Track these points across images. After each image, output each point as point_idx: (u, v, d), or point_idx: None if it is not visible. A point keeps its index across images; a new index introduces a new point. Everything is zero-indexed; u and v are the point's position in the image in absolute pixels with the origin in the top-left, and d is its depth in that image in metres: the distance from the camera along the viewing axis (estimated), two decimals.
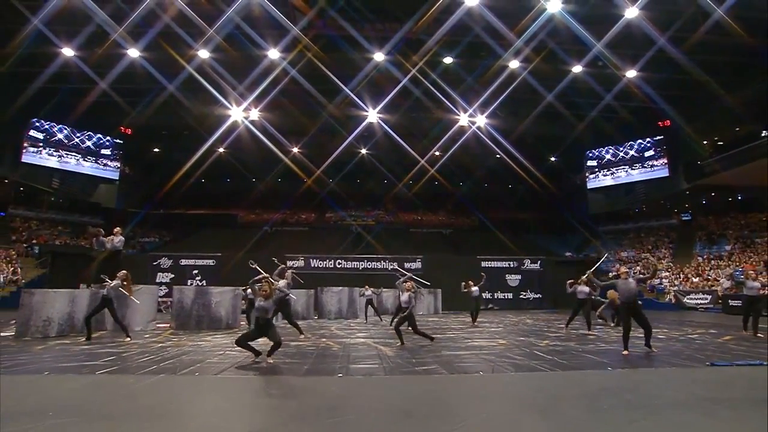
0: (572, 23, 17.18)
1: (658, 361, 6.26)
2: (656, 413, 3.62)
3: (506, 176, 33.78)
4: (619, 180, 30.63)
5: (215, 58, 20.55)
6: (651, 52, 18.78)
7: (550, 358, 6.49)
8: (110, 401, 4.03)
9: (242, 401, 4.28)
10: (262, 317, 6.22)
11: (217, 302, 11.41)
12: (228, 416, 3.70)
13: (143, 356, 6.50)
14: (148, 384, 4.70)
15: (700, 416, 3.57)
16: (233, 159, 31.54)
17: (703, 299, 20.49)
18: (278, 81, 21.67)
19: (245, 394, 4.60)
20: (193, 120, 26.36)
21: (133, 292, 9.02)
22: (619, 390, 4.55)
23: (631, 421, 3.41)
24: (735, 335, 9.60)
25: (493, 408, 3.95)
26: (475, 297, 12.69)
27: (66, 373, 5.19)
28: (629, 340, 7.14)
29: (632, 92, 23.06)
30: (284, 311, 9.43)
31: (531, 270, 24.55)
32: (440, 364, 5.98)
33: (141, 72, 21.12)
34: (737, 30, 16.16)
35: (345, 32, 18.88)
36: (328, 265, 24.02)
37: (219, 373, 5.36)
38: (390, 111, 24.65)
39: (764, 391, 4.41)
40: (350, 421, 3.48)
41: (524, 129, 26.24)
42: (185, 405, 4.02)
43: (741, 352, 7.08)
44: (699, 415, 3.59)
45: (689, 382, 5.08)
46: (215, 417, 3.66)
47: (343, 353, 7.15)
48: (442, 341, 8.77)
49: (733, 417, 3.54)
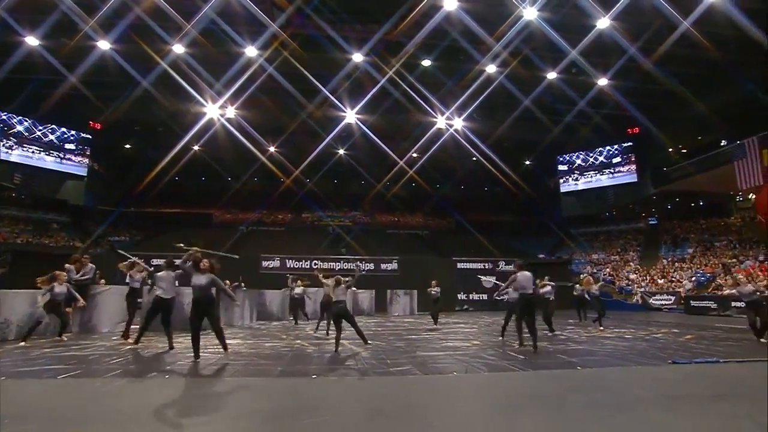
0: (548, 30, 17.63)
1: (625, 360, 6.48)
2: (621, 411, 3.75)
3: (483, 179, 34.32)
4: (590, 184, 31.59)
5: (191, 54, 20.09)
6: (621, 61, 19.47)
7: (522, 358, 6.62)
8: (73, 406, 3.88)
9: (214, 403, 4.19)
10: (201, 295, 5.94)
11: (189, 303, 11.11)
12: (199, 419, 3.62)
13: (110, 359, 6.29)
14: (115, 387, 4.55)
15: (661, 412, 3.72)
16: (209, 157, 30.90)
17: (668, 300, 21.30)
18: (255, 79, 21.37)
19: (217, 396, 4.51)
20: (167, 116, 25.69)
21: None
22: (587, 389, 4.69)
23: (597, 419, 3.52)
24: (696, 334, 10.04)
25: (466, 408, 4.00)
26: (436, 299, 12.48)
27: (25, 378, 4.97)
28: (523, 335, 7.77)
29: (603, 99, 23.87)
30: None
31: (506, 272, 24.95)
32: (415, 365, 6.02)
33: (112, 65, 20.42)
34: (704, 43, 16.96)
35: (323, 32, 18.81)
36: (305, 265, 23.82)
37: (190, 375, 5.24)
38: (368, 112, 24.68)
39: (721, 387, 4.66)
40: (324, 422, 3.46)
41: (500, 132, 26.72)
42: (154, 408, 3.90)
43: (700, 351, 7.42)
44: (661, 411, 3.74)
45: (653, 379, 5.28)
46: (186, 420, 3.58)
47: (317, 354, 7.11)
48: (417, 342, 8.83)
49: (692, 412, 3.71)
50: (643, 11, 16.48)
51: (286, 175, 29.01)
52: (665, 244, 27.92)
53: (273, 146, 29.29)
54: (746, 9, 15.57)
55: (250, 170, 30.89)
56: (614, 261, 28.65)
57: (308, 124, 25.69)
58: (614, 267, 27.73)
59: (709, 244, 25.21)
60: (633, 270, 26.41)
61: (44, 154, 27.28)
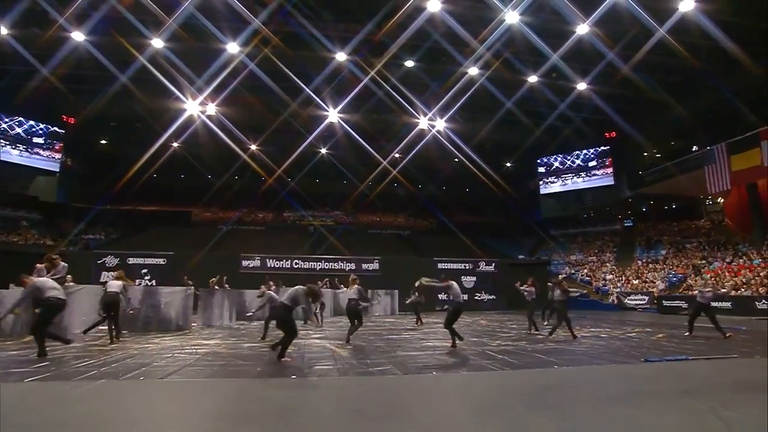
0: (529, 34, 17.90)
1: (600, 359, 6.65)
2: (595, 408, 3.85)
3: (464, 180, 34.65)
4: (568, 187, 32.25)
5: (170, 48, 19.63)
6: (599, 67, 19.94)
7: (501, 357, 6.72)
8: (41, 410, 3.75)
9: (191, 406, 4.13)
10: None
11: (167, 303, 10.93)
12: (175, 422, 3.56)
13: (82, 361, 6.10)
14: (86, 390, 4.42)
15: (633, 409, 3.83)
16: (188, 154, 30.30)
17: (642, 300, 21.92)
18: (237, 75, 21.06)
19: (194, 398, 4.44)
20: (145, 112, 25.08)
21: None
22: (563, 387, 4.80)
23: (572, 416, 3.61)
24: (667, 333, 10.37)
25: (445, 407, 4.04)
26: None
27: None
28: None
29: (582, 104, 24.41)
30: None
31: (486, 272, 25.30)
32: (394, 365, 6.04)
33: (87, 58, 19.78)
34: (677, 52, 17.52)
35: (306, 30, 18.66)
36: (285, 265, 23.63)
37: (166, 377, 5.14)
38: (351, 111, 24.62)
39: (688, 384, 4.83)
40: (303, 423, 3.45)
41: (482, 134, 27.03)
42: (128, 412, 3.81)
43: (671, 349, 7.67)
44: (632, 408, 3.85)
45: (626, 377, 5.45)
46: (161, 423, 3.51)
47: (297, 355, 7.06)
48: (397, 342, 8.87)
49: (661, 408, 3.84)
50: (620, 19, 16.91)
51: (268, 173, 28.69)
52: (640, 246, 28.72)
53: (254, 144, 28.93)
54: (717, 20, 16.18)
55: (231, 168, 30.45)
56: (591, 262, 29.31)
57: (290, 123, 25.46)
58: (591, 268, 28.37)
59: (681, 245, 26.05)
60: (609, 271, 27.08)
61: (10, 147, 26.13)
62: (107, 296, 8.47)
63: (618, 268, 27.11)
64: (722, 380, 5.09)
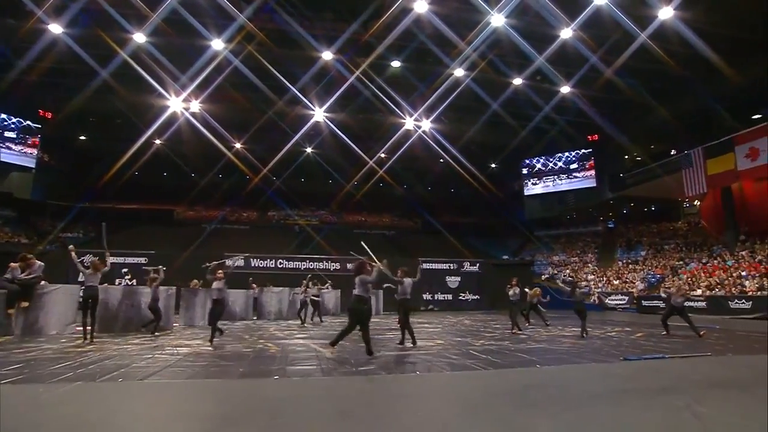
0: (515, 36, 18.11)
1: (581, 358, 6.77)
2: (575, 406, 3.91)
3: (450, 180, 34.87)
4: (552, 188, 32.74)
5: (153, 43, 19.24)
6: (582, 70, 20.30)
7: (484, 357, 6.78)
8: (13, 414, 3.63)
9: (170, 407, 4.05)
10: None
11: (147, 303, 10.70)
12: (153, 424, 3.49)
13: (57, 363, 5.93)
14: (62, 393, 4.29)
15: (611, 406, 3.91)
16: (171, 152, 29.75)
17: (622, 300, 22.39)
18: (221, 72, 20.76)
19: (174, 399, 4.36)
20: (127, 108, 24.53)
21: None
22: (545, 386, 4.86)
23: (554, 414, 3.66)
24: (645, 332, 10.62)
25: (428, 407, 4.05)
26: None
27: None
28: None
29: (565, 107, 24.81)
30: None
31: (470, 272, 25.52)
32: (378, 365, 6.04)
33: (65, 51, 19.24)
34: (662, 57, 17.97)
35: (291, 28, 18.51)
36: (270, 264, 23.42)
37: (146, 378, 5.03)
38: (337, 111, 24.53)
39: (665, 381, 4.96)
40: (285, 423, 3.41)
41: (467, 135, 27.23)
42: (105, 414, 3.72)
43: (649, 347, 7.86)
44: (611, 405, 3.93)
45: (605, 375, 5.55)
46: (138, 425, 3.44)
47: (281, 355, 7.00)
48: (381, 342, 8.87)
49: (639, 405, 3.92)
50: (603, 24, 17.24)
51: (252, 172, 28.38)
52: (620, 247, 29.33)
53: (239, 143, 28.59)
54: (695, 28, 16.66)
55: (215, 167, 30.03)
56: (574, 262, 29.80)
57: (276, 121, 25.24)
58: (574, 268, 28.85)
59: (660, 247, 26.69)
60: (591, 271, 27.58)
61: None
62: (88, 290, 8.33)
63: (599, 268, 27.63)
64: (697, 377, 5.24)
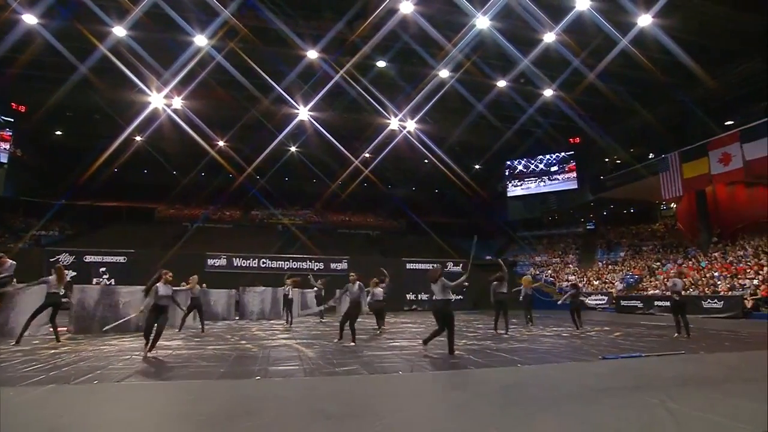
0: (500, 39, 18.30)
1: (561, 357, 6.88)
2: (554, 405, 3.98)
3: (434, 181, 35.04)
4: (534, 190, 33.22)
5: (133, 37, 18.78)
6: (565, 74, 20.66)
7: (467, 357, 6.83)
8: None
9: (148, 410, 3.97)
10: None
11: (126, 302, 10.47)
12: (130, 427, 3.41)
13: (29, 365, 5.75)
14: (33, 396, 4.17)
15: (589, 404, 4.00)
16: (152, 149, 29.13)
17: (601, 300, 22.85)
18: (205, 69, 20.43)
19: (152, 401, 4.28)
20: (106, 103, 23.93)
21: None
22: (525, 385, 4.93)
23: (533, 413, 3.71)
24: (623, 332, 10.87)
25: (410, 406, 4.06)
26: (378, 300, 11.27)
27: None
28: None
29: (549, 110, 25.20)
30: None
31: (453, 273, 25.64)
32: (361, 365, 6.03)
33: (40, 43, 18.59)
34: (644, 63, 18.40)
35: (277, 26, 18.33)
36: (253, 264, 23.19)
37: (122, 380, 4.92)
38: (322, 110, 24.40)
39: (641, 379, 5.10)
40: (265, 425, 3.38)
41: (452, 136, 27.42)
42: (79, 418, 3.62)
43: (627, 346, 8.05)
44: (589, 404, 4.01)
45: (584, 374, 5.66)
46: (115, 429, 3.36)
47: (262, 355, 6.94)
48: (365, 341, 8.86)
49: (615, 403, 4.02)
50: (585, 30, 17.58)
51: (236, 170, 28.02)
52: (600, 248, 29.94)
53: (222, 141, 28.18)
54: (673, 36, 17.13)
55: (198, 165, 29.53)
56: (555, 263, 30.30)
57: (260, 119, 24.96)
58: (555, 269, 29.33)
59: (638, 248, 27.35)
60: (572, 272, 28.07)
61: None
62: (51, 297, 8.08)
63: (580, 269, 28.15)
64: (670, 375, 5.40)
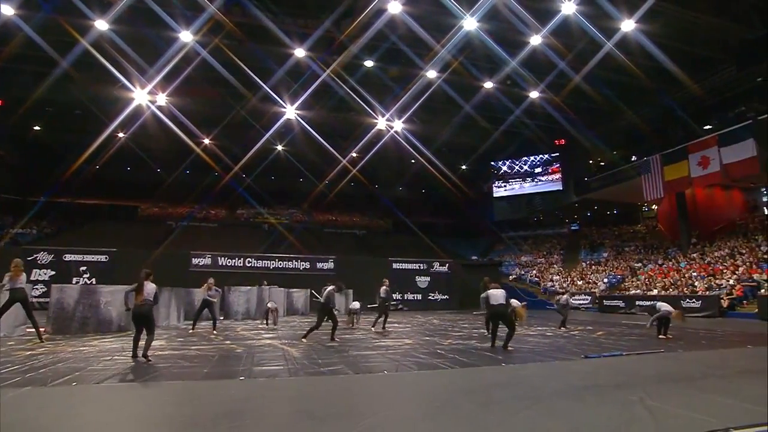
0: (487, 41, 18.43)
1: (545, 356, 6.97)
2: (538, 402, 4.03)
3: (420, 181, 35.14)
4: (519, 191, 33.58)
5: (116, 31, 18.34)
6: (551, 77, 20.92)
7: (451, 356, 6.87)
8: None
9: (129, 411, 3.90)
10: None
11: (107, 302, 10.26)
12: (109, 430, 3.35)
13: (5, 366, 5.58)
14: (9, 399, 4.05)
15: (572, 401, 4.07)
16: (136, 146, 28.54)
17: (585, 300, 23.22)
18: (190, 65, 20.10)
19: (133, 403, 4.20)
20: (87, 99, 23.35)
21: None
22: (509, 384, 4.99)
23: (517, 411, 3.76)
24: (605, 331, 11.07)
25: (394, 406, 4.08)
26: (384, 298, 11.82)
27: None
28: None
29: (534, 112, 25.49)
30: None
31: (439, 272, 25.83)
32: (346, 364, 6.02)
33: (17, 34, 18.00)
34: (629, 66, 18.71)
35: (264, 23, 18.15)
36: (238, 263, 22.96)
37: (102, 382, 4.82)
38: (309, 109, 24.25)
39: (621, 377, 5.21)
40: (248, 425, 3.35)
41: (439, 136, 27.53)
42: (56, 420, 3.54)
43: (609, 345, 8.20)
44: (572, 401, 4.08)
45: (567, 373, 5.76)
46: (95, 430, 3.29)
47: (247, 355, 6.87)
48: (350, 341, 8.86)
49: (598, 401, 4.10)
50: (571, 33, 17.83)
51: (221, 168, 27.65)
52: (584, 249, 30.42)
53: (208, 138, 27.79)
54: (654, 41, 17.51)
55: (182, 162, 29.04)
56: (540, 263, 30.68)
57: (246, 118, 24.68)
58: (540, 269, 29.70)
59: (621, 249, 27.87)
60: (556, 272, 28.47)
61: None
62: (14, 293, 7.89)
63: (564, 269, 28.55)
64: (650, 373, 5.53)
